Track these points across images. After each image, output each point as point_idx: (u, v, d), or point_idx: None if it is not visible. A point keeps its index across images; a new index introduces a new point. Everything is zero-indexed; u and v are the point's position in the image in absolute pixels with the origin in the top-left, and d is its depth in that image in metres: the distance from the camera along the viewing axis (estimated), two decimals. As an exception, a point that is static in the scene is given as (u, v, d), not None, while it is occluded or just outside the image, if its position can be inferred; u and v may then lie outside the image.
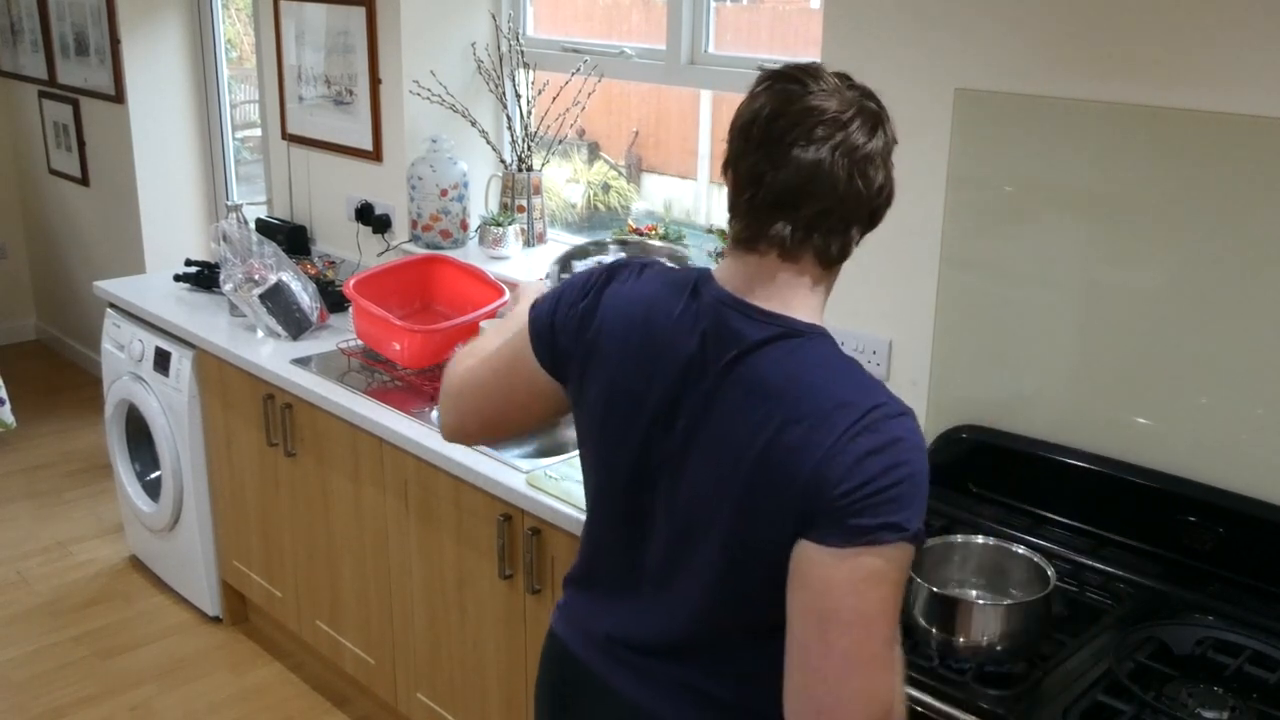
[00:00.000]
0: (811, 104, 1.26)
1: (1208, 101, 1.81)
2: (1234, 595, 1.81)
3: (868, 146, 1.27)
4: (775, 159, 1.25)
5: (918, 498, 1.23)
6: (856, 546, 1.20)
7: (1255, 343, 1.82)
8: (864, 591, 1.21)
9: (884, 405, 1.24)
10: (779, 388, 1.26)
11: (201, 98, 4.65)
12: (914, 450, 1.24)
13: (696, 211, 3.48)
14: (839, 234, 1.28)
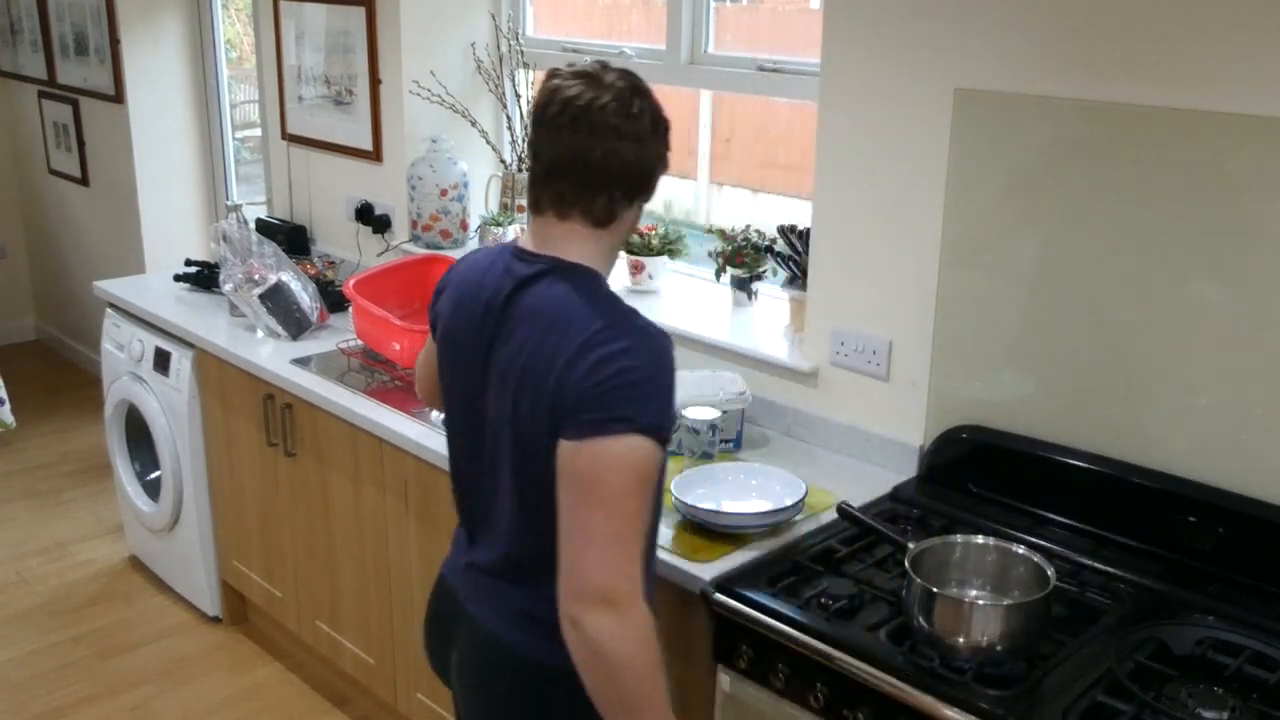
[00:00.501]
0: (574, 93, 1.51)
1: (1208, 101, 1.81)
2: (1234, 595, 1.81)
3: (618, 127, 1.50)
4: (548, 138, 1.53)
5: (649, 399, 1.44)
6: (593, 438, 1.43)
7: (1255, 343, 1.82)
8: (604, 477, 1.42)
9: (623, 322, 1.48)
10: (540, 311, 1.52)
11: (201, 98, 4.65)
12: (646, 356, 1.46)
13: (696, 211, 3.48)
14: (600, 198, 1.53)
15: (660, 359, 1.48)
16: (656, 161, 1.57)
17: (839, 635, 1.72)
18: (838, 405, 2.43)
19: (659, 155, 1.57)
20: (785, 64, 2.68)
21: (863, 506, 2.03)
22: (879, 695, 1.65)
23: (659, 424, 1.44)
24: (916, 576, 1.67)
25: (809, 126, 2.47)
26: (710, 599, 1.86)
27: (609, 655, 1.42)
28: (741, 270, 2.73)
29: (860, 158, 2.29)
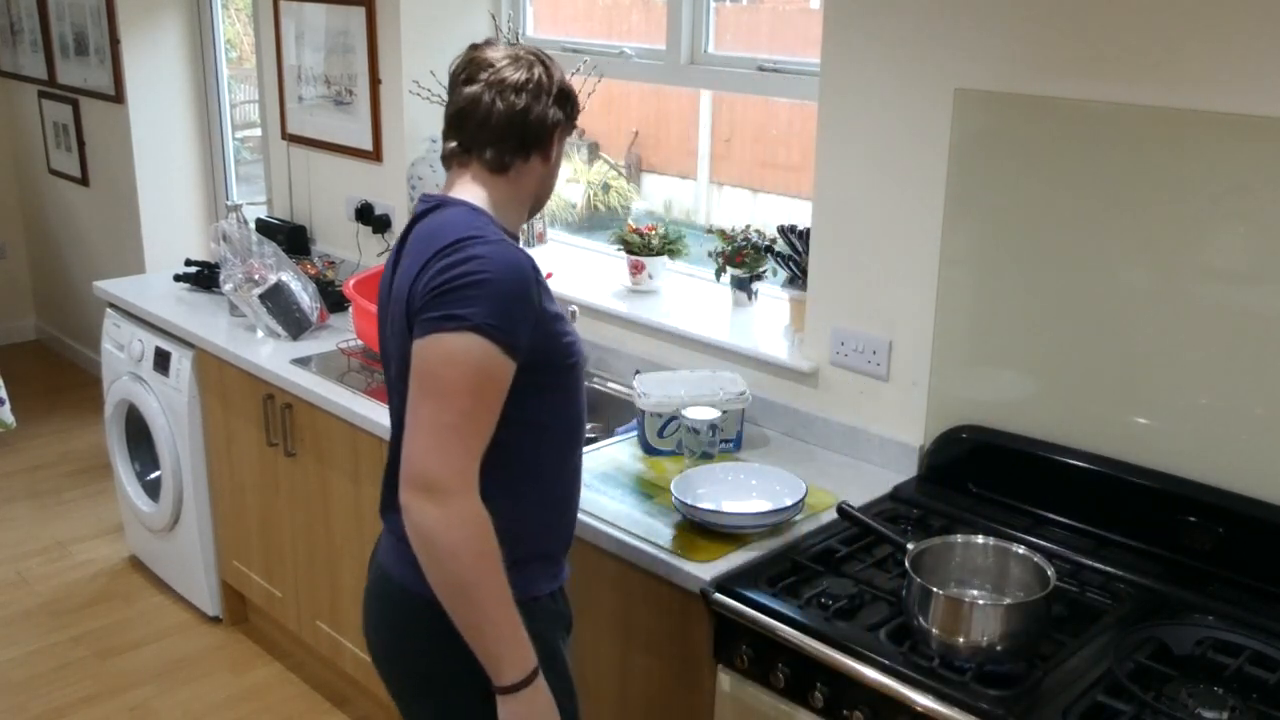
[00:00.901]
0: (480, 56, 1.67)
1: (1208, 101, 1.81)
2: (1234, 595, 1.81)
3: (513, 80, 1.64)
4: (453, 95, 1.68)
5: (486, 299, 1.50)
6: (429, 335, 1.51)
7: (1256, 343, 1.82)
8: (435, 370, 1.50)
9: (483, 238, 1.55)
10: (419, 238, 1.62)
11: (201, 98, 4.65)
12: (491, 262, 1.52)
13: (696, 211, 3.48)
14: (494, 146, 1.65)
15: (506, 265, 1.53)
16: (548, 119, 1.67)
17: (839, 635, 1.72)
18: (838, 405, 2.43)
19: (552, 115, 1.68)
20: (785, 64, 2.68)
21: (863, 506, 2.03)
22: (879, 695, 1.65)
23: (495, 324, 1.50)
24: (916, 576, 1.67)
25: (809, 126, 2.47)
26: (710, 599, 1.86)
27: (434, 542, 1.49)
28: (741, 270, 2.73)
29: (860, 158, 2.29)
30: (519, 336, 1.53)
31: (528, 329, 1.55)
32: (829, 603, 1.79)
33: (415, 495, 1.49)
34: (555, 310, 1.64)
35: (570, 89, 1.73)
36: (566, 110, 1.72)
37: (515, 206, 1.71)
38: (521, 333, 1.54)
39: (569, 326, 1.68)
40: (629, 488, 2.21)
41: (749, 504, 2.09)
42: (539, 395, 1.61)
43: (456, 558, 1.49)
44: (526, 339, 1.55)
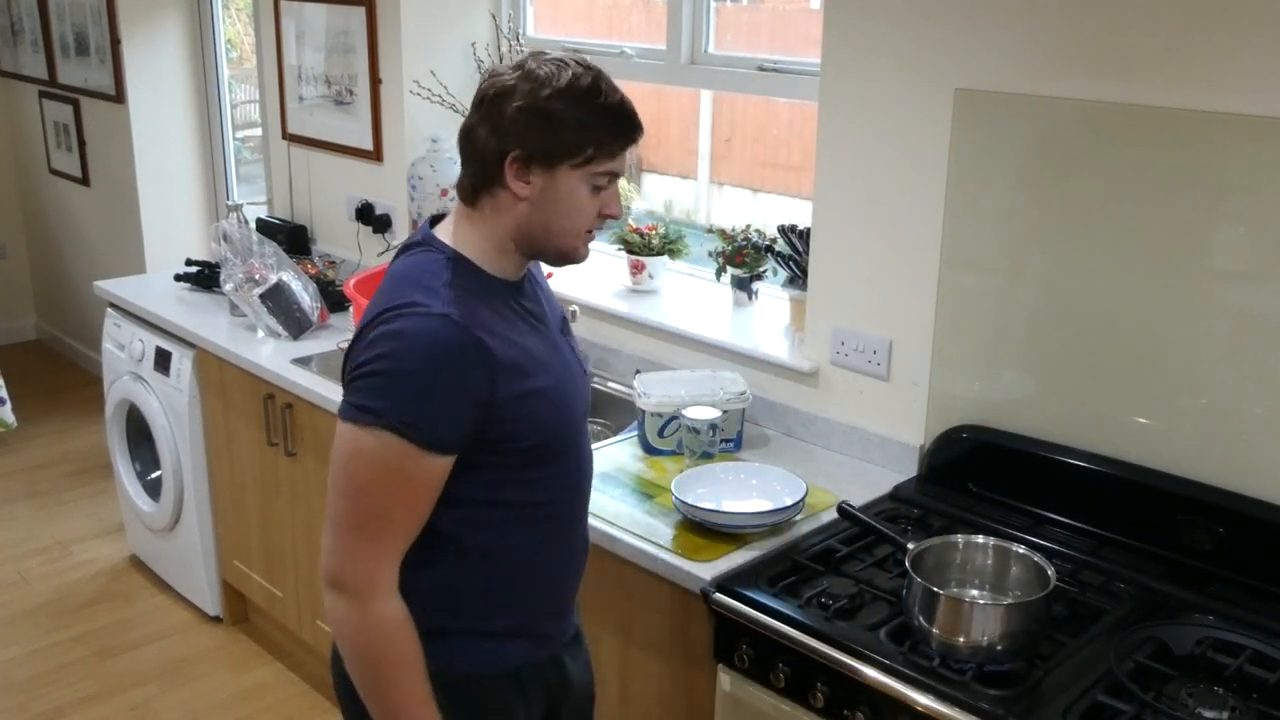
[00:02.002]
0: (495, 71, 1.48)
1: (1208, 102, 1.81)
2: (1234, 595, 1.81)
3: (484, 87, 1.46)
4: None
5: (399, 392, 1.36)
6: (344, 422, 1.39)
7: (1256, 343, 1.82)
8: (347, 465, 1.39)
9: (409, 308, 1.38)
10: (375, 294, 1.48)
11: (202, 98, 4.65)
12: (410, 347, 1.36)
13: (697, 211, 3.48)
14: (463, 170, 1.51)
15: (429, 353, 1.36)
16: (491, 146, 1.44)
17: (839, 635, 1.72)
18: (838, 405, 2.43)
19: (497, 142, 1.43)
20: (785, 64, 2.68)
21: (863, 506, 2.03)
22: (879, 695, 1.65)
23: (410, 422, 1.35)
24: (917, 576, 1.67)
25: (809, 126, 2.47)
26: (710, 598, 1.86)
27: (342, 639, 1.44)
28: (742, 270, 2.73)
29: (860, 158, 2.29)
30: (444, 431, 1.38)
31: (461, 417, 1.39)
32: (829, 602, 1.79)
33: (327, 590, 1.42)
34: (517, 389, 1.43)
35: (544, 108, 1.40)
36: (522, 139, 1.41)
37: (495, 246, 1.49)
38: (448, 425, 1.38)
39: (537, 403, 1.47)
40: (629, 488, 2.21)
41: (749, 504, 2.09)
42: (483, 473, 1.46)
43: (363, 660, 1.43)
44: (462, 427, 1.39)
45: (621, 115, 1.45)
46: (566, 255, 1.52)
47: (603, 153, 1.44)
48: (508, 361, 1.42)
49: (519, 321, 1.51)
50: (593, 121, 1.42)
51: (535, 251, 1.51)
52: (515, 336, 1.47)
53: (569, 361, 1.60)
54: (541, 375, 1.49)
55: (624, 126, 1.46)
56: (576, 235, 1.49)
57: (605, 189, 1.47)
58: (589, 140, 1.42)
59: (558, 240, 1.49)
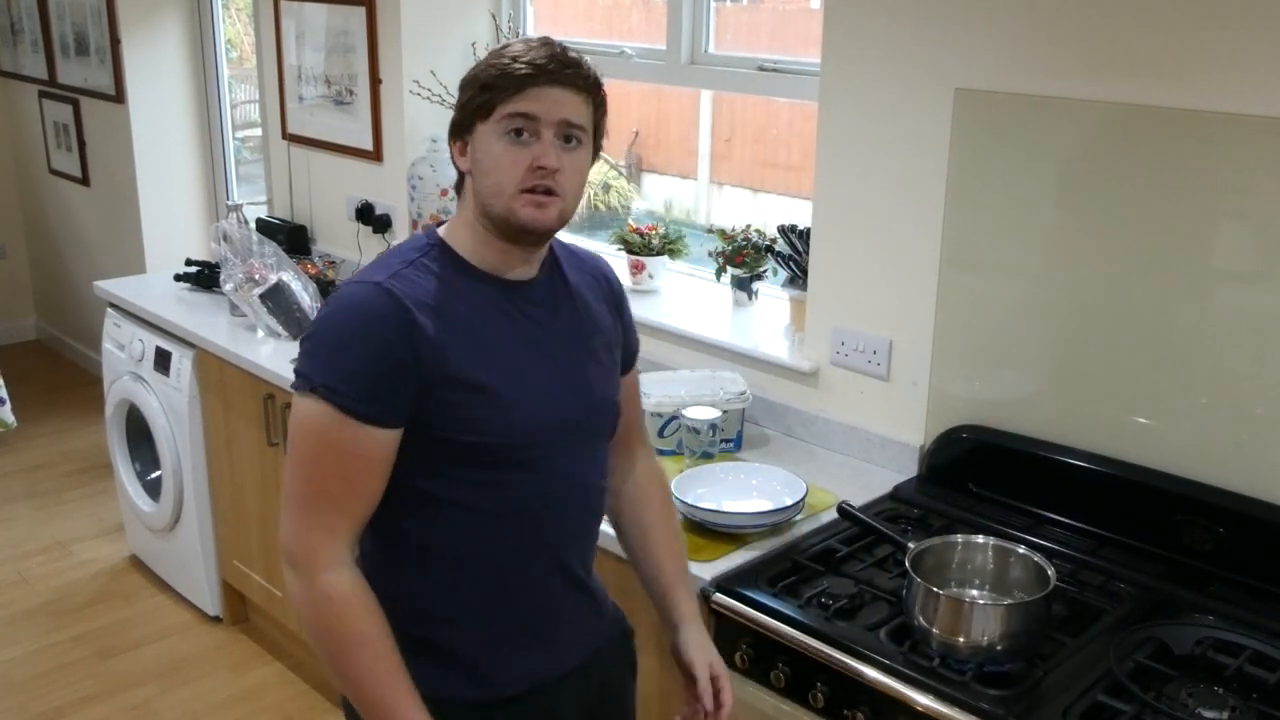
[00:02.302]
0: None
1: (1208, 101, 1.81)
2: (1234, 595, 1.81)
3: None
4: None
5: (322, 354, 1.37)
6: (292, 389, 1.41)
7: (1256, 343, 1.82)
8: (292, 435, 1.40)
9: (357, 278, 1.41)
10: None
11: (201, 98, 4.65)
12: (334, 311, 1.39)
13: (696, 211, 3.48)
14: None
15: (351, 315, 1.38)
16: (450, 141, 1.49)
17: (839, 635, 1.72)
18: (838, 405, 2.43)
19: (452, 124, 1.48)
20: (785, 64, 2.68)
21: (863, 506, 2.03)
22: (879, 695, 1.65)
23: (331, 385, 1.34)
24: (917, 576, 1.67)
25: (809, 126, 2.47)
26: (710, 598, 1.86)
27: (299, 612, 1.43)
28: (741, 270, 2.73)
29: (860, 158, 2.29)
30: (365, 398, 1.35)
31: (383, 387, 1.35)
32: (829, 602, 1.79)
33: (283, 564, 1.42)
34: (452, 375, 1.39)
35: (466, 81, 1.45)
36: (457, 108, 1.46)
37: (472, 234, 1.47)
38: (369, 393, 1.35)
39: (480, 399, 1.41)
40: (629, 488, 2.21)
41: (749, 504, 2.09)
42: (431, 465, 1.42)
43: (315, 635, 1.42)
44: (385, 399, 1.36)
45: (521, 57, 1.40)
46: (508, 219, 1.42)
47: (500, 96, 1.39)
48: (440, 342, 1.38)
49: (500, 318, 1.46)
50: (491, 71, 1.41)
51: (495, 227, 1.44)
52: (477, 326, 1.43)
53: (566, 377, 1.51)
54: (496, 373, 1.43)
55: (522, 63, 1.39)
56: (504, 192, 1.41)
57: (526, 138, 1.40)
58: (479, 83, 1.42)
59: (494, 202, 1.42)
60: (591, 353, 1.57)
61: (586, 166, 1.49)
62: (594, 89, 1.45)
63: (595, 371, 1.56)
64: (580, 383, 1.53)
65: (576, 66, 1.42)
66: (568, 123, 1.41)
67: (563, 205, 1.44)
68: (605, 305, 1.64)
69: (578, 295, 1.58)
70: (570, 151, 1.42)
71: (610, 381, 1.61)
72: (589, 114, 1.45)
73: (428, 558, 1.48)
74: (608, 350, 1.62)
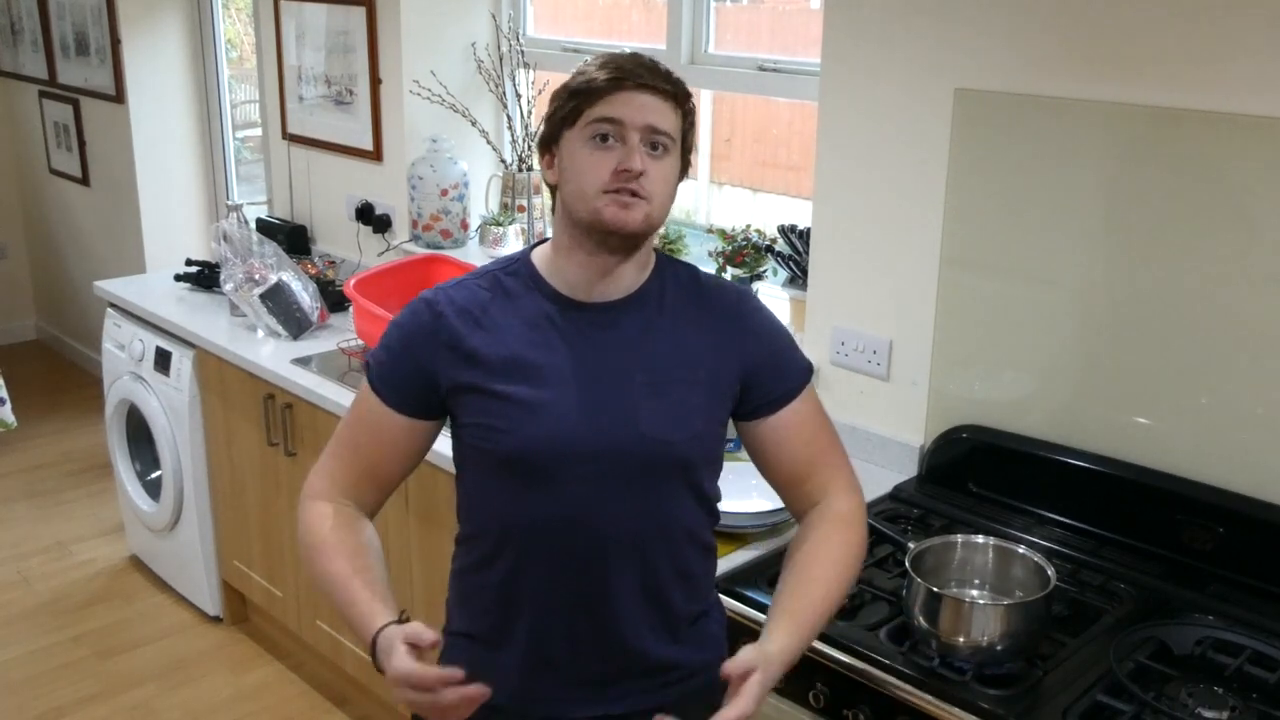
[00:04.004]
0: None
1: (1208, 101, 1.81)
2: (1234, 595, 1.81)
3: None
4: None
5: (383, 336, 1.53)
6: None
7: (1256, 343, 1.82)
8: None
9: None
10: None
11: (202, 98, 4.65)
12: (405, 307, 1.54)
13: (697, 211, 3.48)
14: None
15: (408, 309, 1.53)
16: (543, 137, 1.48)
17: (839, 635, 1.72)
18: (838, 405, 2.43)
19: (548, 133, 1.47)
20: (785, 64, 2.68)
21: (863, 506, 2.03)
22: (879, 695, 1.65)
23: (370, 359, 1.54)
24: (917, 576, 1.67)
25: (809, 126, 2.47)
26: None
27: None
28: (742, 270, 2.73)
29: (860, 158, 2.29)
30: (387, 378, 1.51)
31: (402, 376, 1.49)
32: (829, 603, 1.78)
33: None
34: (468, 380, 1.44)
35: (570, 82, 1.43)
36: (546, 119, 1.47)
37: (562, 250, 1.48)
38: (390, 375, 1.50)
39: (492, 405, 1.43)
40: (629, 488, 2.21)
41: (749, 504, 2.09)
42: (469, 465, 1.53)
43: (300, 548, 1.55)
44: (403, 385, 1.49)
45: (607, 63, 1.40)
46: (594, 221, 1.40)
47: (587, 100, 1.38)
48: (466, 347, 1.45)
49: (550, 336, 1.46)
50: (579, 79, 1.41)
51: (580, 236, 1.43)
52: (518, 340, 1.45)
53: (606, 406, 1.44)
54: (522, 386, 1.42)
55: (608, 70, 1.39)
56: (590, 195, 1.39)
57: (611, 142, 1.38)
58: (568, 90, 1.41)
59: (579, 206, 1.41)
60: (655, 385, 1.46)
61: (675, 176, 1.45)
62: (682, 98, 1.42)
63: (654, 406, 1.45)
64: (624, 414, 1.44)
65: (665, 74, 1.41)
66: (653, 128, 1.38)
67: (649, 209, 1.40)
68: (717, 341, 1.51)
69: (671, 325, 1.49)
70: (657, 159, 1.40)
71: (677, 420, 1.46)
72: (676, 122, 1.41)
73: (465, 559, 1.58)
74: (693, 389, 1.48)
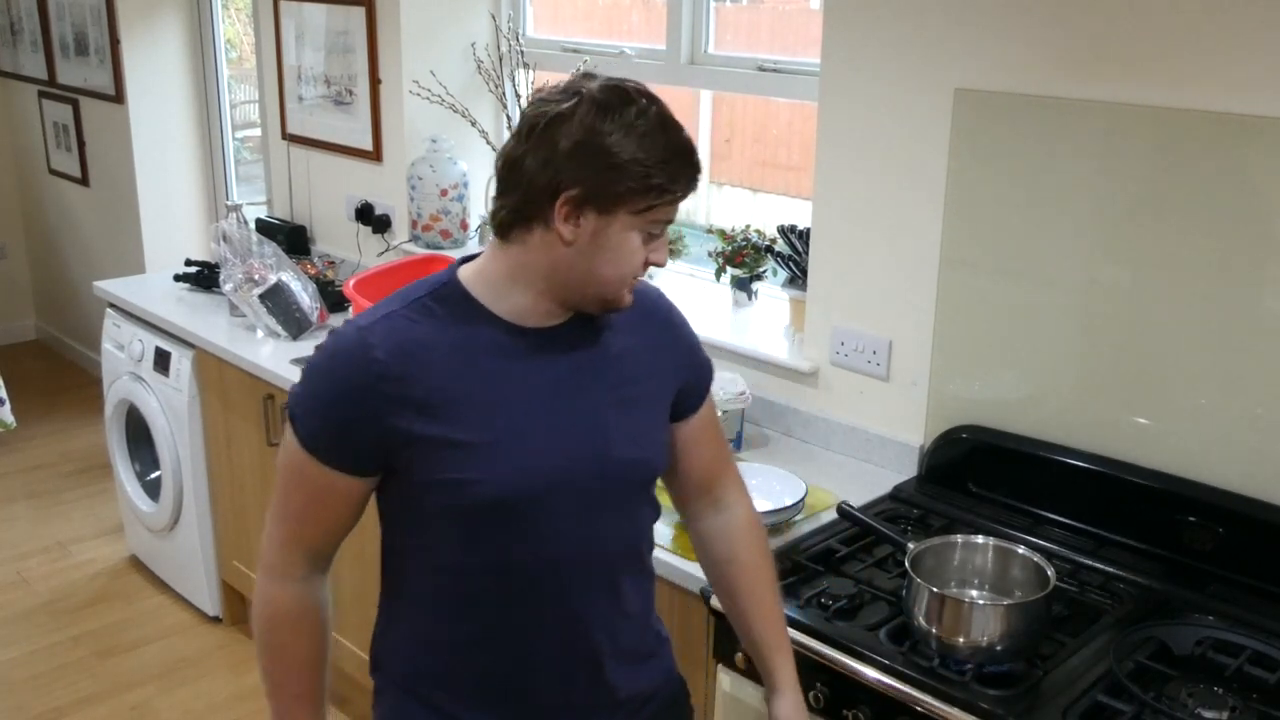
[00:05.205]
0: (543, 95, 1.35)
1: (1208, 101, 1.81)
2: (1234, 595, 1.81)
3: (529, 113, 1.32)
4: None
5: (303, 384, 1.37)
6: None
7: (1255, 343, 1.82)
8: (279, 450, 1.41)
9: (354, 318, 1.40)
10: None
11: (201, 98, 4.65)
12: (322, 347, 1.41)
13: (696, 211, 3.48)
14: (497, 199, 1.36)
15: (332, 353, 1.35)
16: (540, 180, 1.28)
17: (839, 635, 1.72)
18: (838, 405, 2.43)
19: (550, 176, 1.27)
20: (785, 64, 2.68)
21: (863, 506, 2.03)
22: (879, 695, 1.65)
23: (296, 414, 1.36)
24: (916, 576, 1.67)
25: (809, 126, 2.47)
26: (710, 599, 1.86)
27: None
28: (741, 270, 2.73)
29: (860, 158, 2.29)
30: (322, 438, 1.33)
31: (340, 433, 1.32)
32: (829, 603, 1.79)
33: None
34: (420, 430, 1.31)
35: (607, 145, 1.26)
36: (578, 177, 1.26)
37: (514, 283, 1.35)
38: (326, 435, 1.33)
39: (465, 454, 1.32)
40: (629, 488, 2.21)
41: (749, 504, 2.09)
42: (416, 519, 1.39)
43: (255, 631, 1.48)
44: (341, 443, 1.33)
45: (688, 158, 1.34)
46: (609, 304, 1.37)
47: (665, 199, 1.31)
48: (415, 394, 1.30)
49: (503, 366, 1.35)
50: (659, 166, 1.29)
51: (570, 299, 1.36)
52: (469, 375, 1.33)
53: (577, 432, 1.39)
54: (482, 427, 1.33)
55: (689, 170, 1.34)
56: (623, 283, 1.35)
57: (657, 236, 1.35)
58: (654, 186, 1.29)
59: (602, 289, 1.34)
60: (620, 402, 1.43)
61: None
62: None
63: (621, 425, 1.42)
64: (597, 438, 1.40)
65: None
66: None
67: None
68: (657, 344, 1.51)
69: (616, 337, 1.45)
70: None
71: (643, 435, 1.46)
72: None
73: (422, 616, 1.48)
74: (651, 400, 1.48)
